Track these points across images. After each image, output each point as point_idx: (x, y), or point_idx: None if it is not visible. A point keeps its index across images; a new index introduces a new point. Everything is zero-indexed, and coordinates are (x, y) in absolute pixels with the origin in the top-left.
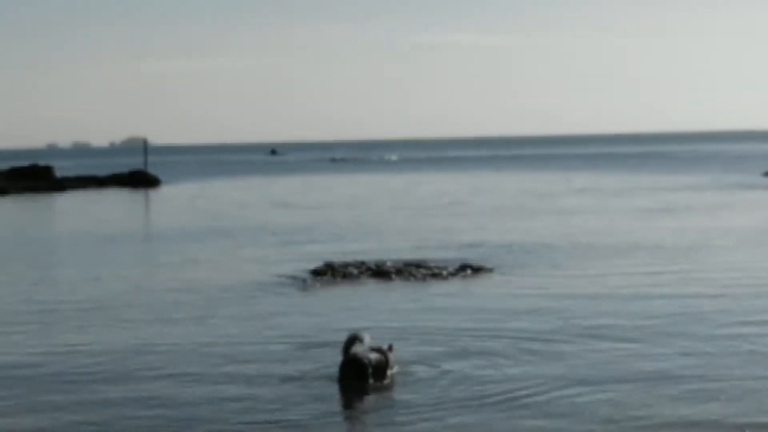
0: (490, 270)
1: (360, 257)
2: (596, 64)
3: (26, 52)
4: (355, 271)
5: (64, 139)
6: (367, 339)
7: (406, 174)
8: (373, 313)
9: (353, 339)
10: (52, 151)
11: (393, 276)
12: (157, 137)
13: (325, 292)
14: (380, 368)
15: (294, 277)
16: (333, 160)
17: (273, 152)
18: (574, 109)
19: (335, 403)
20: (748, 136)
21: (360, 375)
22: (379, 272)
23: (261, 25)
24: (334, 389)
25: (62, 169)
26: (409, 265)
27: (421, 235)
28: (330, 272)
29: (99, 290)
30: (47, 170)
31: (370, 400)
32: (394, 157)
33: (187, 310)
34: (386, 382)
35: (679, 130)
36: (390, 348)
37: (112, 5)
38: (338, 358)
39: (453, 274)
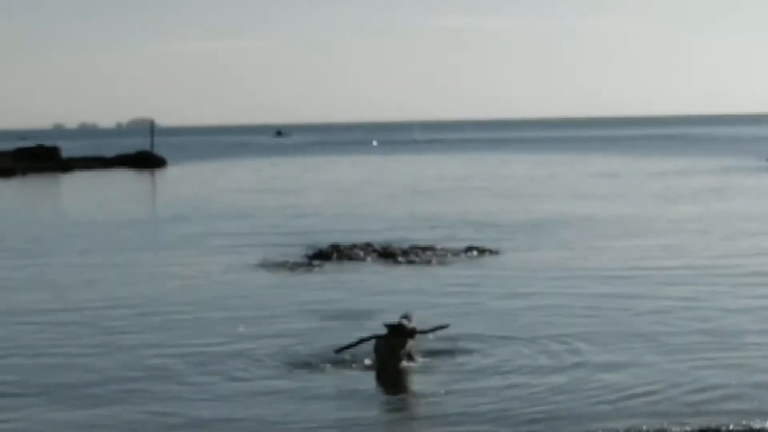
0: (495, 252)
1: (366, 238)
2: (604, 47)
3: (33, 34)
4: (361, 253)
5: (71, 119)
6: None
7: (409, 156)
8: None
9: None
10: (59, 131)
11: (399, 257)
12: (164, 118)
13: (328, 273)
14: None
15: (300, 257)
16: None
17: (279, 133)
18: (582, 91)
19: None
20: (754, 119)
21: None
22: (385, 254)
23: (269, 6)
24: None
25: (68, 149)
26: (415, 247)
27: (428, 216)
28: (335, 253)
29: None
30: (53, 151)
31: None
32: (418, 137)
33: (191, 293)
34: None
35: (687, 112)
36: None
37: None
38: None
39: (458, 256)
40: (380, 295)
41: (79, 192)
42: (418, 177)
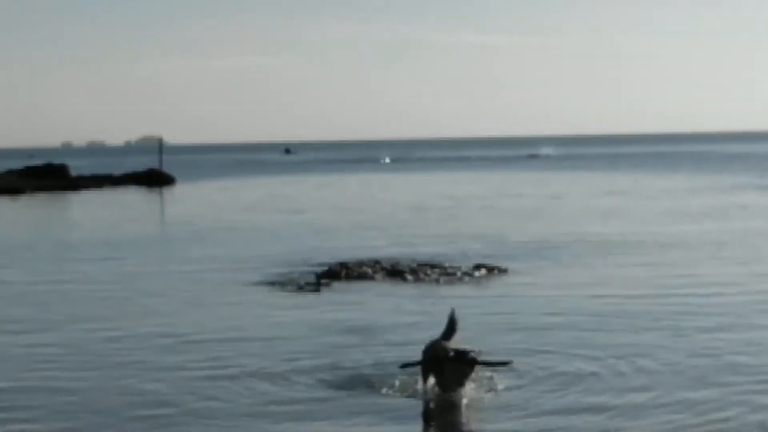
0: (504, 270)
1: (374, 255)
2: (606, 63)
3: (41, 51)
4: (369, 271)
5: (79, 138)
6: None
7: (415, 174)
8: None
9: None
10: (67, 150)
11: (407, 276)
12: (173, 136)
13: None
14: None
15: (309, 275)
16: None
17: (287, 151)
18: (585, 108)
19: None
20: (750, 136)
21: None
22: (393, 272)
23: (275, 24)
24: None
25: (77, 168)
26: (423, 265)
27: (436, 233)
28: (344, 271)
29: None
30: (62, 169)
31: None
32: (387, 160)
33: (199, 314)
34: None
35: (694, 130)
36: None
37: (128, 4)
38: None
39: (467, 274)
40: (397, 314)
41: (86, 211)
42: (425, 194)
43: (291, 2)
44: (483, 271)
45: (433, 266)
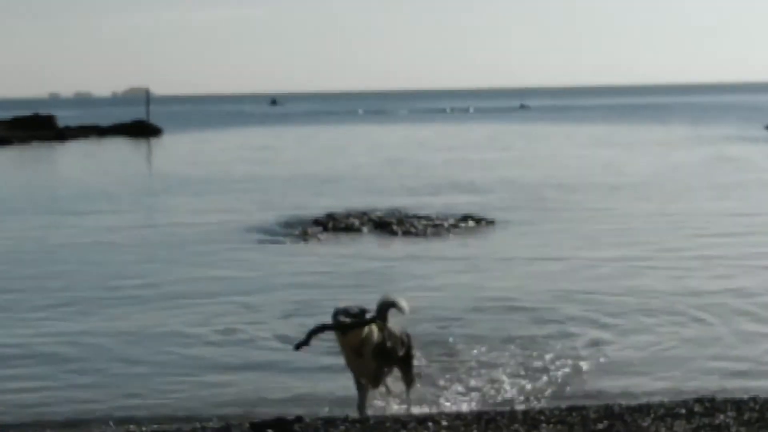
0: (491, 222)
1: (361, 206)
2: (600, 14)
3: (28, 3)
4: (356, 222)
5: (66, 89)
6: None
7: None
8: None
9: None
10: (54, 100)
11: (394, 227)
12: (159, 87)
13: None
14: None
15: (294, 227)
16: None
17: (273, 102)
18: (570, 61)
19: None
20: (751, 87)
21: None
22: (381, 223)
23: None
24: None
25: (64, 118)
26: (410, 216)
27: (423, 182)
28: (332, 222)
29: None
30: (49, 120)
31: None
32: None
33: (195, 256)
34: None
35: (666, 82)
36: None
37: None
38: None
39: (454, 226)
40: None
41: (75, 160)
42: (408, 144)
43: None
44: (470, 222)
45: (420, 218)
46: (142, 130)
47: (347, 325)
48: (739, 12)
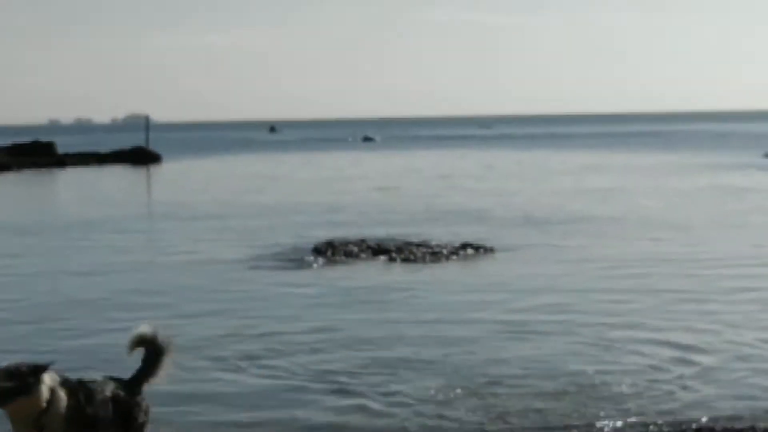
0: (490, 249)
1: (360, 234)
2: (604, 43)
3: (29, 28)
4: (356, 249)
5: (66, 115)
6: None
7: (400, 152)
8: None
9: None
10: (54, 127)
11: (393, 254)
12: (159, 114)
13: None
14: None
15: (292, 255)
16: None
17: (272, 129)
18: (579, 87)
19: None
20: (742, 116)
21: None
22: (380, 250)
23: (260, 1)
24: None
25: (64, 145)
26: (409, 243)
27: (422, 211)
28: (330, 250)
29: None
30: (49, 146)
31: None
32: (377, 138)
33: (196, 293)
34: None
35: (672, 109)
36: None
37: None
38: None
39: (454, 253)
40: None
41: (72, 188)
42: (407, 172)
43: None
44: (470, 250)
45: (419, 245)
46: (141, 156)
47: (6, 392)
48: (730, 40)
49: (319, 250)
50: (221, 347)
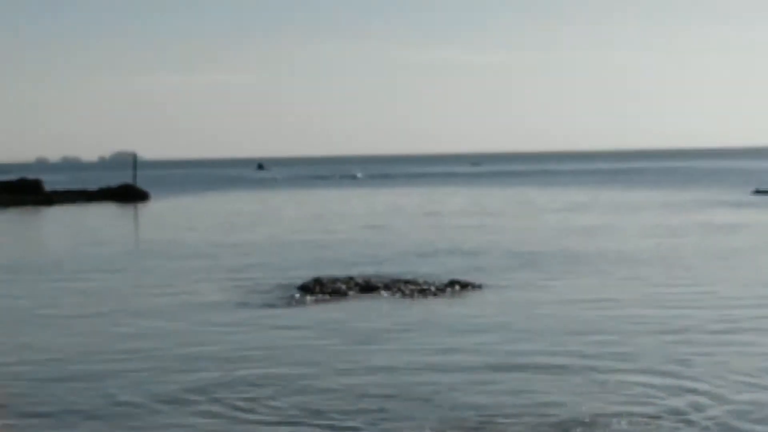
0: (478, 287)
1: (347, 272)
2: (592, 80)
3: (15, 66)
4: (343, 287)
5: (54, 153)
6: None
7: (392, 189)
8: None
9: None
10: (42, 165)
11: (381, 291)
12: (147, 152)
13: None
14: None
15: (280, 293)
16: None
17: (260, 167)
18: (569, 125)
19: None
20: (740, 153)
21: None
22: (368, 287)
23: (249, 41)
24: None
25: (51, 183)
26: (397, 280)
27: (410, 248)
28: (318, 287)
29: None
30: (36, 184)
31: None
32: (359, 174)
33: (178, 328)
34: None
35: (671, 146)
36: None
37: (103, 20)
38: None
39: (441, 290)
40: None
41: (59, 226)
42: (395, 209)
43: (265, 20)
44: (457, 287)
45: (407, 282)
46: (129, 194)
47: None
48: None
49: (306, 288)
50: (213, 392)
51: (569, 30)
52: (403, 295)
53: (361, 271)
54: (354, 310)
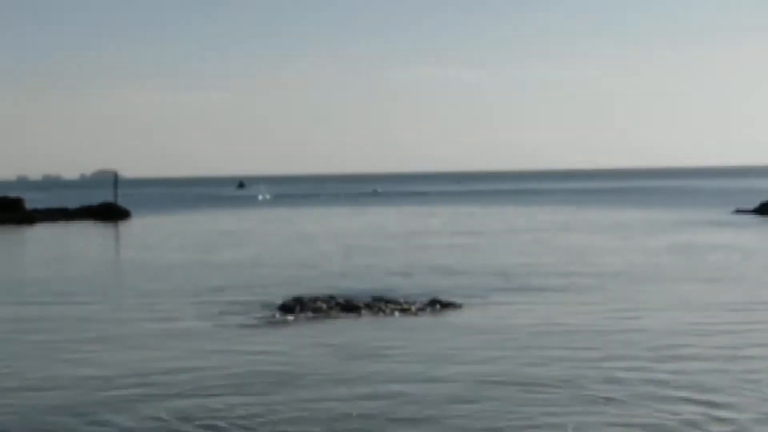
0: (459, 306)
1: (328, 291)
2: (573, 98)
3: None
4: (324, 306)
5: (35, 171)
6: None
7: (379, 207)
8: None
9: None
10: (23, 183)
11: (362, 311)
12: (128, 170)
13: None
14: None
15: (261, 312)
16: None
17: (241, 185)
18: (552, 144)
19: None
20: (717, 172)
21: None
22: (349, 307)
23: (230, 59)
24: None
25: (32, 201)
26: (378, 299)
27: (392, 267)
28: (299, 307)
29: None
30: (17, 202)
31: None
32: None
33: (160, 345)
34: None
35: (650, 165)
36: None
37: (84, 37)
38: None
39: (422, 309)
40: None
41: (40, 245)
42: (377, 228)
43: (246, 38)
44: (438, 306)
45: (388, 301)
46: (110, 213)
47: None
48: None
49: (287, 308)
50: (191, 414)
51: (550, 49)
52: (385, 314)
53: (342, 290)
54: (334, 330)
